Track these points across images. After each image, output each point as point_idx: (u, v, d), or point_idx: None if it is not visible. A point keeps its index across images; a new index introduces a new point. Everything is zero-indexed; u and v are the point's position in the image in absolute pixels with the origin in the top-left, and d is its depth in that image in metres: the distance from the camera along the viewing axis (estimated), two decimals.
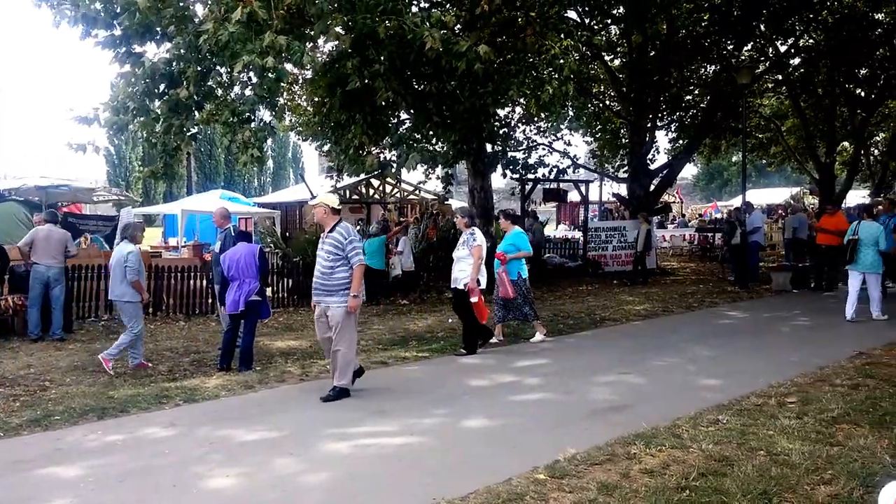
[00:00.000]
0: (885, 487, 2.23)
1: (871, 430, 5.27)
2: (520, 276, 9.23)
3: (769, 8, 17.84)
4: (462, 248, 8.66)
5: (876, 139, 28.94)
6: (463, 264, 8.60)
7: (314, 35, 10.11)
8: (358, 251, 6.58)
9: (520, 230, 9.54)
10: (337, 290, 6.54)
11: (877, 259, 10.64)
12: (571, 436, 5.35)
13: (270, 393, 6.88)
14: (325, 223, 6.72)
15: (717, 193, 62.48)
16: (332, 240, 6.58)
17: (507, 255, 9.11)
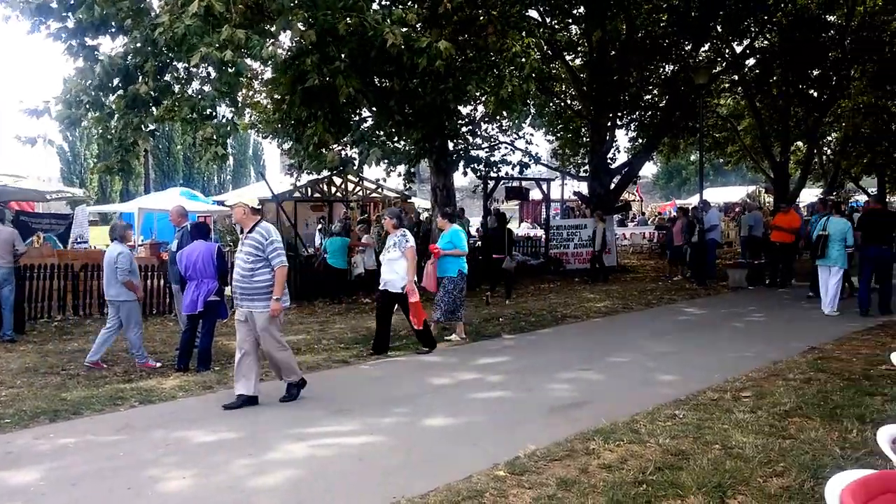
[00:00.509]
0: (832, 479, 2.28)
1: (822, 422, 5.40)
2: (460, 273, 9.21)
3: (725, 9, 18.17)
4: (393, 250, 8.40)
5: (829, 139, 29.67)
6: (394, 266, 8.39)
7: (275, 30, 10.01)
8: (280, 252, 6.29)
9: (458, 228, 9.54)
10: (259, 294, 6.26)
11: (842, 254, 11.05)
12: (532, 432, 5.39)
13: (229, 393, 6.77)
14: (245, 224, 6.42)
15: (676, 192, 63.43)
16: (251, 241, 6.28)
17: (444, 251, 9.13)
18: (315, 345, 9.26)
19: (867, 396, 6.11)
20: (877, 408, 5.75)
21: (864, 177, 33.19)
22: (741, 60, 21.99)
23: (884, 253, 10.99)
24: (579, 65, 20.93)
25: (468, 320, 11.04)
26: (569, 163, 24.34)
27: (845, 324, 10.06)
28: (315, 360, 8.32)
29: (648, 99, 22.16)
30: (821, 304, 11.27)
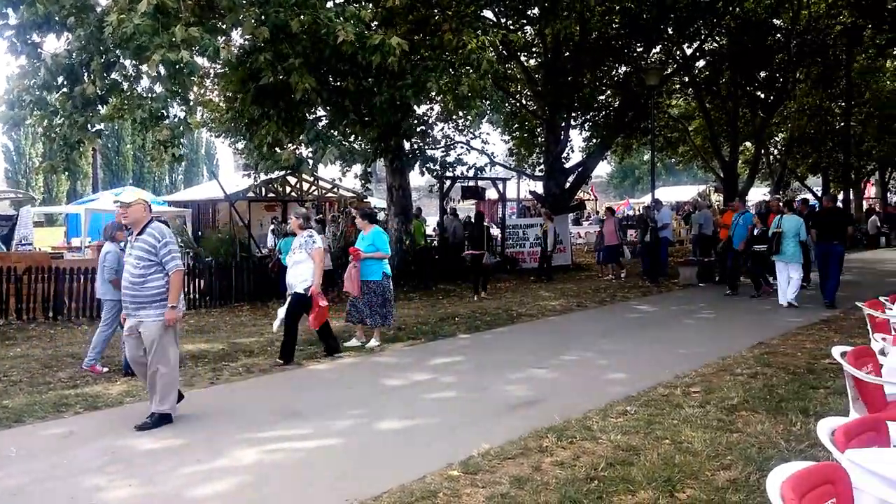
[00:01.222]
0: (773, 472, 2.32)
1: (768, 416, 5.53)
2: (384, 275, 9.00)
3: (676, 12, 18.50)
4: (299, 252, 8.05)
5: (775, 139, 30.44)
6: (301, 269, 8.01)
7: (226, 28, 9.87)
8: (175, 255, 5.75)
9: (379, 230, 9.25)
10: (151, 301, 5.66)
11: (797, 250, 11.56)
12: (486, 431, 5.40)
13: None
14: (138, 224, 5.79)
15: (629, 191, 64.46)
16: (142, 243, 5.69)
17: (366, 254, 8.81)
18: (268, 347, 9.14)
19: (811, 390, 6.28)
20: (820, 400, 5.91)
21: (809, 176, 34.16)
22: (691, 62, 22.44)
23: (836, 248, 11.55)
24: (534, 65, 21.09)
25: (423, 320, 11.06)
26: (524, 162, 24.52)
27: (790, 319, 10.32)
28: (268, 362, 8.21)
29: (602, 99, 22.43)
30: (778, 297, 11.82)
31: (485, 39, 11.34)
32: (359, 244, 9.03)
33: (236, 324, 11.52)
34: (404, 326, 10.51)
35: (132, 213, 5.81)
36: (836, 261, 11.57)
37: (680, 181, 54.30)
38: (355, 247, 8.92)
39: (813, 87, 25.41)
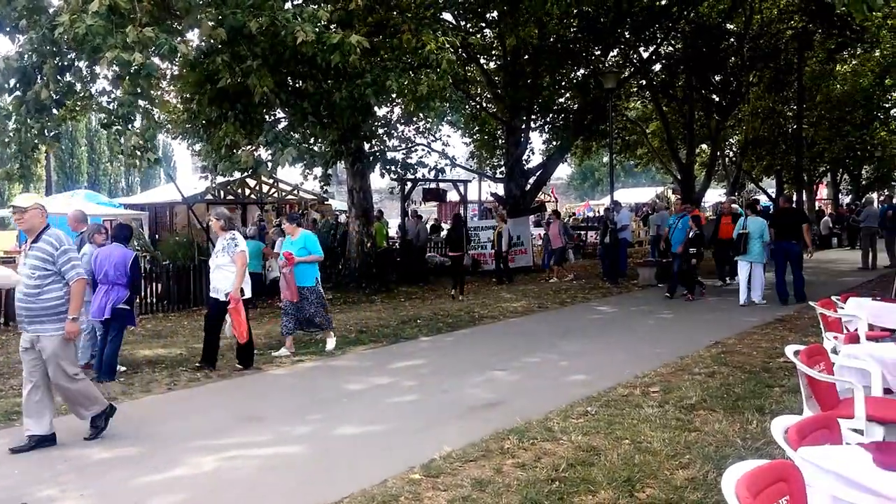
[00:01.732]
0: (728, 470, 2.36)
1: (725, 414, 5.63)
2: (317, 280, 8.82)
3: (632, 17, 18.75)
4: (222, 255, 7.67)
5: (730, 142, 31.04)
6: (224, 272, 7.64)
7: (183, 29, 9.71)
8: (75, 263, 5.29)
9: (308, 233, 9.04)
10: (47, 315, 5.17)
11: (762, 250, 11.96)
12: (448, 434, 5.39)
13: (133, 405, 6.51)
14: (33, 231, 5.26)
15: (589, 193, 65.17)
16: (38, 252, 5.19)
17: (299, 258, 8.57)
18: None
19: (766, 388, 6.41)
20: (775, 399, 6.04)
21: (763, 178, 34.92)
22: (648, 66, 22.76)
23: (794, 247, 11.98)
24: (494, 68, 21.17)
25: (385, 323, 11.02)
26: (485, 164, 24.61)
27: (746, 318, 10.52)
28: (225, 366, 8.09)
29: (561, 102, 22.63)
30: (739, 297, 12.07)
31: (444, 40, 11.35)
32: (288, 248, 8.74)
33: (195, 328, 11.32)
34: (366, 329, 10.46)
35: (28, 218, 5.23)
36: (795, 259, 11.99)
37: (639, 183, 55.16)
38: (288, 251, 8.60)
39: (766, 91, 25.95)
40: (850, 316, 6.16)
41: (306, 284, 8.67)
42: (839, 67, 29.78)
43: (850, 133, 30.21)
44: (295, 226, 9.05)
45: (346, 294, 14.82)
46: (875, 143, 31.86)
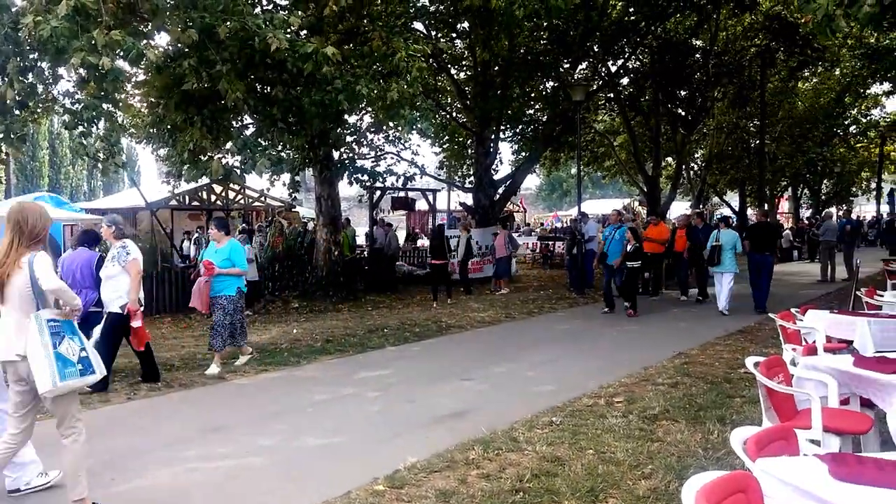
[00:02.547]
0: (688, 481, 2.39)
1: (688, 425, 5.69)
2: (239, 291, 8.31)
3: (601, 31, 18.99)
4: (112, 265, 7.12)
5: (695, 155, 31.58)
6: (115, 283, 7.11)
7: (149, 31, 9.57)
8: None
9: (236, 243, 8.46)
10: None
11: (734, 261, 12.46)
12: (413, 444, 5.38)
13: (92, 415, 6.38)
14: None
15: (558, 203, 65.70)
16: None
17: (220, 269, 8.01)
18: (190, 360, 8.88)
19: (728, 398, 6.51)
20: (736, 409, 6.13)
21: (727, 191, 35.57)
22: (616, 79, 23.07)
23: (767, 259, 12.59)
24: (464, 78, 21.27)
25: (352, 332, 10.96)
26: (455, 174, 24.68)
27: (709, 329, 10.66)
28: (189, 376, 7.98)
29: (531, 113, 22.80)
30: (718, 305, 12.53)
31: (415, 48, 11.36)
32: (211, 257, 8.23)
33: (156, 336, 11.13)
34: (332, 338, 10.40)
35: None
36: (767, 271, 12.55)
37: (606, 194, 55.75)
38: (209, 260, 8.05)
39: (730, 106, 26.47)
40: (808, 328, 6.29)
41: (224, 293, 8.12)
42: (800, 85, 30.57)
43: (810, 149, 30.99)
44: (223, 233, 8.40)
45: (313, 302, 14.72)
46: (834, 159, 32.72)
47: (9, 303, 3.93)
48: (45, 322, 3.83)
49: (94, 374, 4.03)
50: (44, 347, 3.77)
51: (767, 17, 21.76)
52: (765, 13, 22.01)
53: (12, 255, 3.89)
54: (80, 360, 3.93)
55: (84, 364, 3.94)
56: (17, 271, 3.88)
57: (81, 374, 3.93)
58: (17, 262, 3.88)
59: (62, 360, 3.81)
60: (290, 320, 12.66)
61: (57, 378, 3.76)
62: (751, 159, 29.64)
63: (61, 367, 3.79)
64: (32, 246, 3.93)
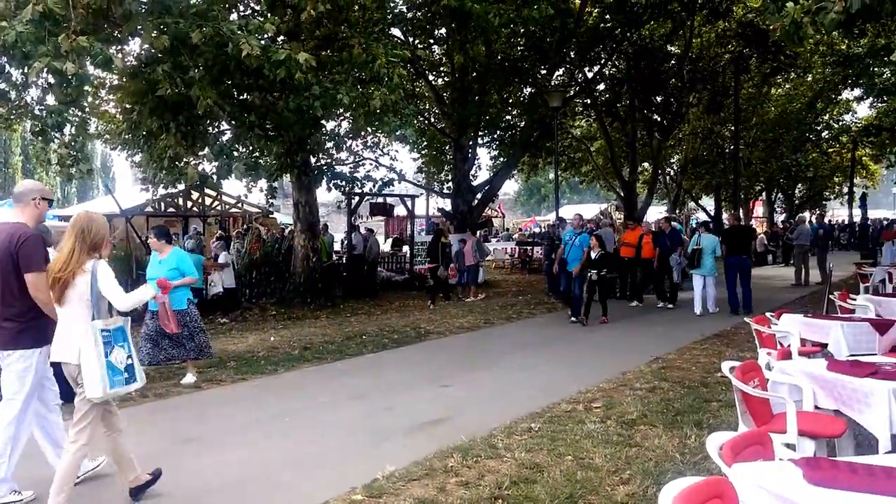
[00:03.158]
0: (665, 487, 2.40)
1: (665, 430, 5.73)
2: (189, 302, 7.82)
3: (578, 37, 19.13)
4: None
5: (671, 161, 31.88)
6: None
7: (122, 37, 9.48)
8: None
9: (179, 251, 7.90)
10: None
11: (714, 264, 12.92)
12: (391, 452, 5.35)
13: None
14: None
15: (536, 208, 65.96)
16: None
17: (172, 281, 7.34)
18: (163, 369, 8.77)
19: (705, 403, 6.55)
20: (713, 413, 6.18)
21: (702, 196, 35.93)
22: (592, 85, 23.25)
23: (744, 261, 13.07)
24: (442, 84, 21.31)
25: (330, 339, 10.90)
26: (433, 180, 24.70)
27: (686, 333, 10.73)
28: (164, 385, 7.88)
29: (508, 119, 22.90)
30: (694, 307, 13.06)
31: (396, 53, 11.35)
32: (155, 270, 7.59)
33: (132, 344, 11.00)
34: (310, 346, 10.33)
35: None
36: (745, 272, 13.01)
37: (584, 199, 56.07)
38: (162, 279, 7.16)
39: (704, 112, 26.77)
40: (783, 332, 6.35)
41: (175, 308, 7.49)
42: (773, 91, 31.00)
43: (784, 154, 31.41)
44: (164, 242, 7.77)
45: (291, 310, 14.62)
46: (807, 163, 33.16)
47: (67, 305, 4.15)
48: (98, 332, 4.07)
49: (136, 383, 4.31)
50: (97, 357, 4.02)
51: (740, 25, 22.07)
52: (738, 20, 22.33)
53: (74, 261, 4.11)
54: (126, 369, 4.21)
55: (129, 373, 4.23)
56: (80, 276, 4.11)
57: (126, 383, 4.22)
58: (79, 268, 4.11)
59: (112, 369, 4.09)
60: (267, 328, 12.56)
61: (107, 386, 4.04)
62: (725, 164, 29.96)
63: (111, 376, 4.07)
64: (91, 253, 4.17)
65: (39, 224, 4.77)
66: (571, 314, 12.33)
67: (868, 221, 33.01)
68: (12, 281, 4.34)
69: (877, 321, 6.62)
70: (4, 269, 4.34)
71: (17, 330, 4.37)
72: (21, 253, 4.30)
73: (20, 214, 4.51)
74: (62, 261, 4.12)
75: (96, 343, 4.05)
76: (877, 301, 8.37)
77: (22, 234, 4.35)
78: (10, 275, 4.34)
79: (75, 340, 4.10)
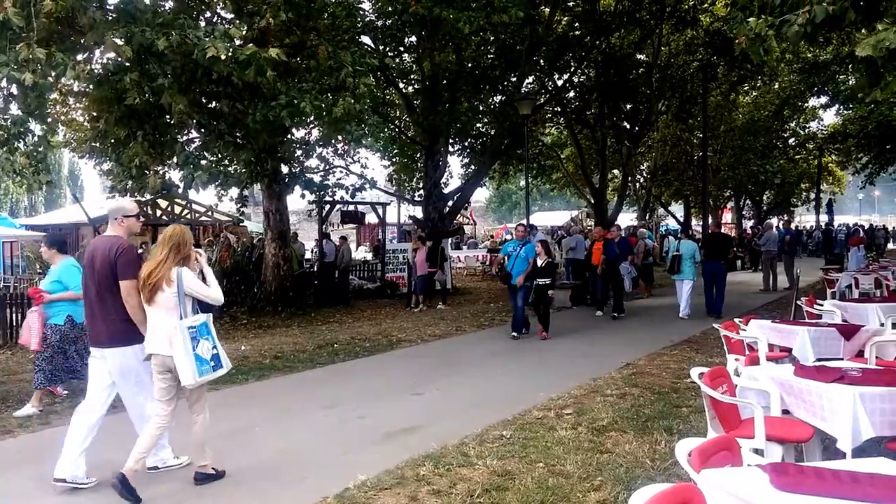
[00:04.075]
0: (634, 494, 2.40)
1: (636, 436, 5.76)
2: (69, 319, 7.06)
3: (547, 45, 19.26)
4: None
5: (641, 168, 32.21)
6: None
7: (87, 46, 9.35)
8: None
9: (70, 263, 7.14)
10: None
11: (692, 269, 13.49)
12: (363, 461, 5.31)
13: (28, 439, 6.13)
14: None
15: (507, 216, 66.27)
16: None
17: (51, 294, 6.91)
18: None
19: (675, 408, 6.61)
20: (683, 419, 6.23)
21: (672, 202, 36.35)
22: (562, 93, 23.41)
23: (720, 267, 13.61)
24: (412, 92, 21.32)
25: (301, 347, 10.80)
26: (404, 187, 24.67)
27: (657, 339, 10.83)
28: None
29: (479, 127, 22.96)
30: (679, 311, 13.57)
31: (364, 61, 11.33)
32: (43, 282, 7.19)
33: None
34: (280, 355, 10.23)
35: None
36: (721, 278, 13.59)
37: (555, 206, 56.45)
38: (37, 287, 6.88)
39: (673, 119, 27.09)
40: (751, 338, 6.43)
41: (50, 321, 7.00)
42: (741, 99, 31.48)
43: (752, 161, 31.88)
44: (55, 251, 7.17)
45: (262, 318, 14.49)
46: (775, 170, 33.70)
47: (156, 305, 4.75)
48: (186, 329, 4.68)
49: (222, 369, 4.96)
50: (186, 351, 4.65)
51: (708, 33, 22.38)
52: (705, 29, 22.64)
53: (165, 268, 4.71)
54: (213, 358, 4.83)
55: (215, 361, 4.86)
56: (168, 282, 4.70)
57: (213, 370, 4.86)
58: (167, 274, 4.70)
59: (199, 360, 4.73)
60: (238, 336, 12.42)
61: (196, 374, 4.68)
62: (694, 171, 30.35)
63: (199, 366, 4.71)
64: (179, 262, 4.76)
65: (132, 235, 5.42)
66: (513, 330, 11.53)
67: (832, 227, 33.60)
68: (112, 285, 4.92)
69: (843, 326, 6.74)
70: (105, 274, 4.94)
71: (113, 329, 4.96)
72: (119, 262, 4.89)
73: (114, 230, 5.14)
74: (154, 267, 4.72)
75: (184, 339, 4.65)
76: (843, 306, 8.53)
77: (119, 245, 4.97)
78: (108, 279, 4.94)
79: (165, 335, 4.71)
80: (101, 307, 4.98)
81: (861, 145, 28.57)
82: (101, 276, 4.95)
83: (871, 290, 12.33)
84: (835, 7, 6.25)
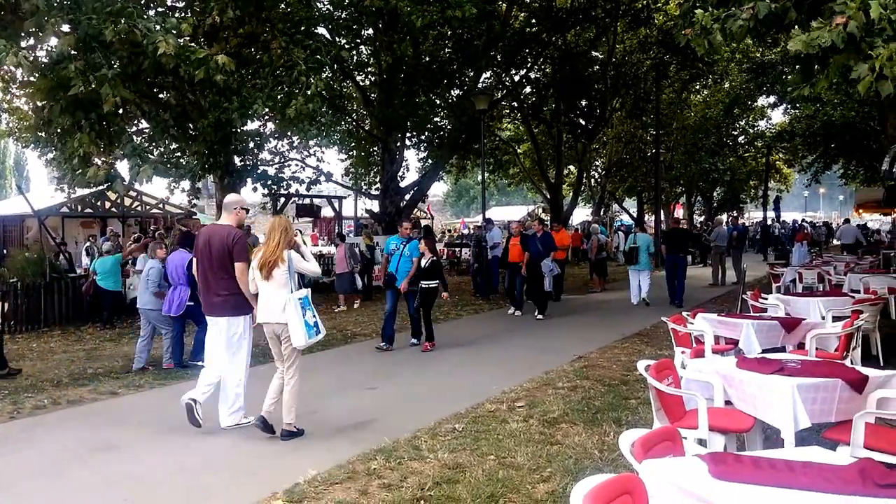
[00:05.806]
0: (576, 485, 2.45)
1: (585, 427, 5.84)
2: None
3: (504, 40, 19.35)
4: None
5: (596, 164, 32.58)
6: None
7: (26, 32, 9.06)
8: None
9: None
10: None
11: (648, 260, 14.60)
12: (314, 456, 5.29)
13: None
14: None
15: (465, 210, 66.43)
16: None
17: None
18: (80, 375, 8.44)
19: (624, 400, 6.72)
20: (632, 410, 6.33)
21: (626, 198, 36.90)
22: (519, 89, 23.54)
23: (680, 259, 14.57)
24: (369, 85, 21.20)
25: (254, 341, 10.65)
26: (361, 181, 24.54)
27: (609, 333, 10.98)
28: (78, 392, 7.58)
29: (436, 121, 22.95)
30: (630, 298, 14.70)
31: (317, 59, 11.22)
32: None
33: (44, 350, 10.56)
34: None
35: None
36: (681, 269, 14.49)
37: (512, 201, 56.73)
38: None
39: (627, 116, 27.48)
40: (698, 331, 6.57)
41: None
42: (692, 97, 32.05)
43: (703, 158, 32.50)
44: None
45: None
46: (725, 168, 34.42)
47: (273, 281, 5.75)
48: (297, 300, 5.67)
49: (321, 333, 5.88)
50: (299, 318, 5.63)
51: (661, 32, 22.74)
52: (659, 28, 22.99)
53: (280, 249, 5.73)
54: (315, 324, 5.80)
55: (316, 327, 5.81)
56: (281, 260, 5.73)
57: (317, 333, 5.83)
58: (281, 255, 5.72)
59: (307, 326, 5.70)
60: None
61: (306, 336, 5.66)
62: (647, 167, 30.82)
63: (308, 330, 5.69)
64: (287, 246, 5.78)
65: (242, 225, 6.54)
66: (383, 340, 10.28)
67: (770, 224, 34.31)
68: (228, 266, 6.01)
69: (785, 320, 6.94)
70: (222, 257, 6.04)
71: (225, 301, 6.08)
72: (235, 248, 6.01)
73: (229, 219, 6.23)
74: (271, 250, 5.73)
75: (296, 308, 5.63)
76: (786, 300, 8.77)
77: (235, 233, 6.10)
78: (224, 260, 6.03)
79: (278, 306, 5.68)
80: (216, 283, 6.06)
81: (807, 144, 29.33)
82: (217, 258, 6.02)
83: (814, 284, 12.68)
84: (777, 5, 6.40)
